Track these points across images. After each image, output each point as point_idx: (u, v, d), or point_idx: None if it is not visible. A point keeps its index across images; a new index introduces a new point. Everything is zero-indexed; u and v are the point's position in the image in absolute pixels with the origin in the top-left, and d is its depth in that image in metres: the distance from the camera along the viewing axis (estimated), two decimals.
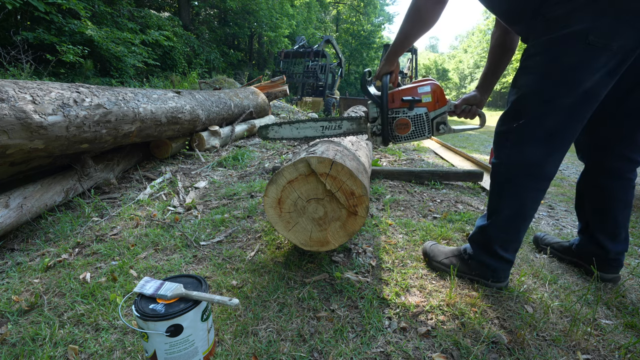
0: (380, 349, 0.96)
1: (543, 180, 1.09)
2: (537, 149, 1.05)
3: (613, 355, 0.96)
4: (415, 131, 1.32)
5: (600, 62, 0.93)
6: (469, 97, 1.42)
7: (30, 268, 1.40)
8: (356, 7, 27.30)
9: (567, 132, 1.04)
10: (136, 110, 2.12)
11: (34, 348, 0.96)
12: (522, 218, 1.15)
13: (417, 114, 1.29)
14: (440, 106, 1.31)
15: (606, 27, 0.90)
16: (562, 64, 0.97)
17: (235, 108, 3.81)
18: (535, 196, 1.12)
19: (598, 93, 0.99)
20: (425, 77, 1.34)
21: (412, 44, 1.26)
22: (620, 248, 1.29)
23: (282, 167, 1.19)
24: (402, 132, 1.32)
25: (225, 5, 12.72)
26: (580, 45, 0.93)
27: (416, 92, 1.29)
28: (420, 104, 1.29)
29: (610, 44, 0.90)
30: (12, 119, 1.39)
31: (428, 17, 1.14)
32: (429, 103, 1.30)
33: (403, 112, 1.30)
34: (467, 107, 1.41)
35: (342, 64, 12.77)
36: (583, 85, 0.96)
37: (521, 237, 1.18)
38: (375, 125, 1.35)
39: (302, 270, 1.32)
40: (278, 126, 1.63)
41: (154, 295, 0.82)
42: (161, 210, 1.93)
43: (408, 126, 1.31)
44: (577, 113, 1.01)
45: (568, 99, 0.99)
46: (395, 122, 1.31)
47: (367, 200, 1.17)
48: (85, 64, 5.59)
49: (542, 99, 1.02)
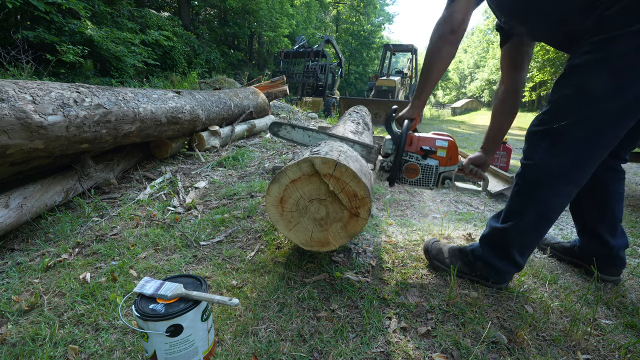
0: (380, 349, 0.96)
1: (575, 186, 1.06)
2: (575, 153, 1.01)
3: (613, 355, 0.96)
4: (422, 179, 1.36)
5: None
6: (475, 158, 1.47)
7: (30, 268, 1.40)
8: (356, 7, 27.29)
9: (608, 139, 0.99)
10: (136, 110, 2.12)
11: (34, 348, 0.96)
12: (546, 222, 1.12)
13: (429, 164, 1.34)
14: (451, 164, 1.36)
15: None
16: (611, 67, 0.92)
17: (235, 108, 3.81)
18: (563, 202, 1.08)
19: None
20: (443, 132, 1.40)
21: (441, 76, 1.29)
22: (621, 242, 1.29)
23: (285, 166, 1.19)
24: (410, 176, 1.37)
25: (225, 5, 12.72)
26: (632, 49, 0.88)
27: (434, 143, 1.34)
28: (434, 156, 1.34)
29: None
30: (12, 119, 1.39)
31: (448, 57, 1.18)
32: (443, 158, 1.34)
33: (416, 159, 1.35)
34: (473, 169, 1.45)
35: (342, 64, 12.76)
36: (630, 91, 0.92)
37: (539, 242, 1.17)
38: (387, 162, 1.39)
39: (302, 270, 1.32)
40: (292, 128, 1.69)
41: (154, 295, 0.82)
42: (161, 210, 1.93)
43: (417, 172, 1.36)
44: (620, 120, 0.96)
45: (613, 105, 0.94)
46: (405, 166, 1.36)
47: (370, 202, 1.17)
48: (85, 64, 5.59)
49: (586, 101, 0.97)
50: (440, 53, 1.16)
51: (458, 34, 1.13)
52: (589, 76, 0.97)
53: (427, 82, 1.24)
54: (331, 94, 11.60)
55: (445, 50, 1.16)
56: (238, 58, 14.54)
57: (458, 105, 26.36)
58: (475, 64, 42.73)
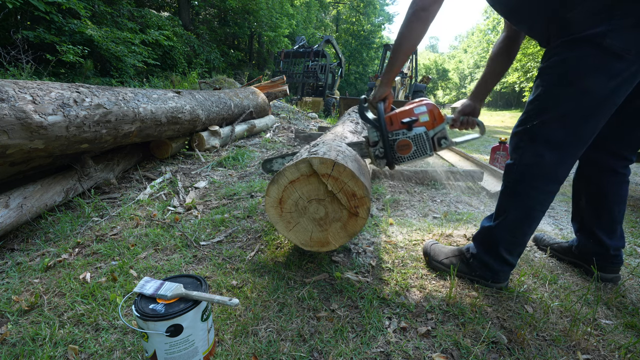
0: (380, 349, 0.96)
1: (554, 183, 1.08)
2: (549, 151, 1.04)
3: (613, 355, 0.96)
4: (418, 150, 1.35)
5: (616, 68, 0.90)
6: (464, 107, 1.45)
7: (30, 268, 1.40)
8: (356, 7, 27.29)
9: (580, 138, 1.02)
10: (136, 110, 2.12)
11: (34, 348, 0.96)
12: (529, 220, 1.14)
13: (416, 133, 1.33)
14: (438, 123, 1.34)
15: (624, 32, 0.87)
16: (577, 69, 0.95)
17: (235, 108, 3.81)
18: (544, 199, 1.11)
19: (613, 100, 0.96)
20: (419, 99, 1.38)
21: (410, 54, 1.29)
22: (618, 244, 1.30)
23: (283, 167, 1.19)
24: (404, 152, 1.35)
25: (225, 5, 12.71)
26: (597, 50, 0.90)
27: (413, 113, 1.33)
28: (418, 123, 1.32)
29: (629, 49, 0.87)
30: (12, 119, 1.39)
31: (418, 35, 1.19)
32: (427, 122, 1.33)
33: (403, 134, 1.33)
34: (464, 119, 1.43)
35: (342, 64, 12.77)
36: (598, 91, 0.94)
37: (527, 240, 1.18)
38: (377, 149, 1.38)
39: (302, 270, 1.32)
40: (282, 158, 1.74)
41: (154, 295, 0.82)
42: (161, 210, 1.93)
43: (409, 146, 1.34)
44: (591, 119, 0.99)
45: (582, 105, 0.97)
46: (396, 144, 1.34)
47: (369, 201, 1.17)
48: (85, 64, 5.58)
49: (557, 102, 1.00)
50: (410, 30, 1.18)
51: (429, 12, 1.15)
52: (555, 77, 1.00)
53: (396, 59, 1.24)
54: (331, 94, 11.60)
55: (415, 27, 1.18)
56: (238, 58, 14.53)
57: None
58: (475, 64, 42.71)
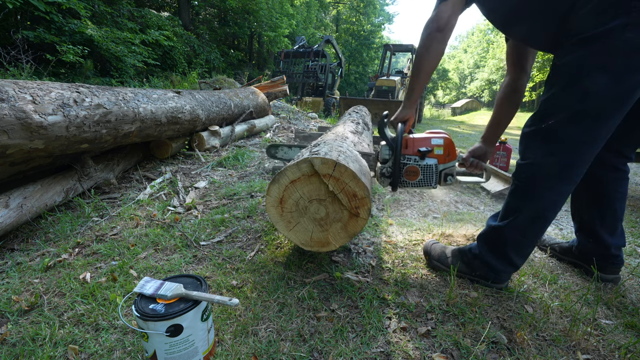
0: (380, 349, 0.96)
1: (568, 183, 1.07)
2: (564, 151, 1.03)
3: (613, 355, 0.96)
4: (424, 180, 1.36)
5: (635, 63, 0.89)
6: (476, 149, 1.47)
7: (30, 268, 1.40)
8: (356, 7, 27.28)
9: (596, 137, 1.00)
10: (136, 110, 2.12)
11: (34, 348, 0.96)
12: (541, 221, 1.12)
13: (427, 164, 1.34)
14: (450, 160, 1.36)
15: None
16: (591, 67, 0.94)
17: (235, 108, 3.81)
18: (558, 199, 1.09)
19: (630, 97, 0.94)
20: (437, 130, 1.41)
21: (431, 74, 1.30)
22: (619, 242, 1.29)
23: (285, 167, 1.19)
24: (411, 178, 1.36)
25: (225, 5, 12.70)
26: (612, 46, 0.89)
27: (429, 143, 1.34)
28: (432, 155, 1.34)
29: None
30: (12, 119, 1.39)
31: (437, 55, 1.21)
32: (440, 155, 1.34)
33: (415, 160, 1.34)
34: (474, 161, 1.45)
35: (342, 64, 12.75)
36: (614, 89, 0.93)
37: (537, 241, 1.16)
38: (386, 168, 1.38)
39: (302, 270, 1.32)
40: (288, 148, 1.70)
41: (154, 295, 0.82)
42: (161, 210, 1.93)
43: (417, 174, 1.35)
44: (605, 117, 0.97)
45: (598, 103, 0.95)
46: (405, 169, 1.35)
47: (370, 202, 1.17)
48: (85, 64, 5.58)
49: (571, 101, 0.99)
50: (429, 50, 1.19)
51: (445, 32, 1.17)
52: (570, 76, 0.99)
53: (417, 81, 1.25)
54: (331, 94, 11.59)
55: (433, 47, 1.19)
56: (238, 58, 14.52)
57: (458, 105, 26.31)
58: (475, 64, 42.70)
